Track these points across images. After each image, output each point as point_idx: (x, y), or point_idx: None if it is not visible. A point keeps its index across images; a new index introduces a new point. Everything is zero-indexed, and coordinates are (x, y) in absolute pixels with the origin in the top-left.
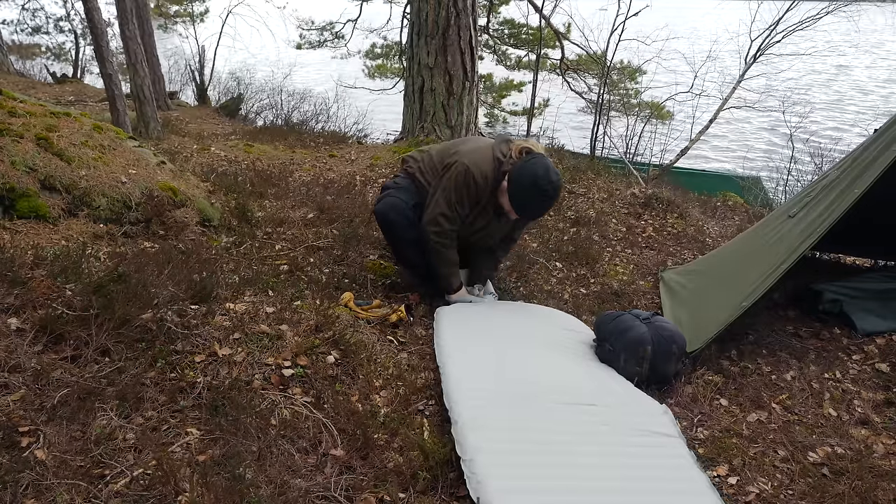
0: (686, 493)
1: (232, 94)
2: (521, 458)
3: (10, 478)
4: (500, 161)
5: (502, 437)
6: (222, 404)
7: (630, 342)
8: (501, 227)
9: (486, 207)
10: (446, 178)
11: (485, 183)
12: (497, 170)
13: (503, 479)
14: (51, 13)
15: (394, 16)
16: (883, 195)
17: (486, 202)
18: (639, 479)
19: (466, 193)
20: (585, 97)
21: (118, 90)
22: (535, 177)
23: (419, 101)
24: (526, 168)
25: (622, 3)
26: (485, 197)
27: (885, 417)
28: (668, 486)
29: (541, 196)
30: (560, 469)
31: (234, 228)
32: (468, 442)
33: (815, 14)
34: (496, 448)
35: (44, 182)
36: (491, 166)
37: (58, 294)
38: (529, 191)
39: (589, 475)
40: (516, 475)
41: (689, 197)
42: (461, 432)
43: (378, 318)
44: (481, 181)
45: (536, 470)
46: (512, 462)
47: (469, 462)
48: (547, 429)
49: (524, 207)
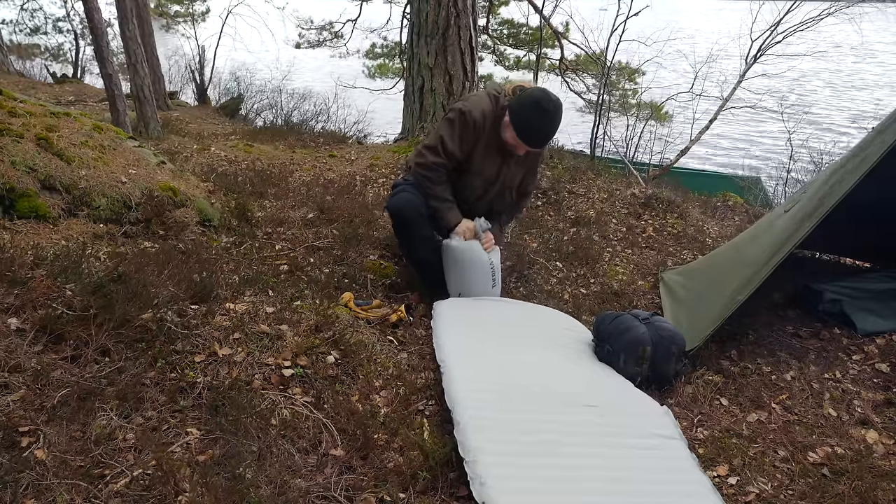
0: (688, 495)
1: (232, 94)
2: (524, 461)
3: (10, 478)
4: (496, 98)
5: (505, 439)
6: (222, 404)
7: (629, 342)
8: (512, 173)
9: (489, 149)
10: (441, 121)
11: (483, 119)
12: (495, 106)
13: (506, 479)
14: (50, 13)
15: (394, 16)
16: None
17: (487, 142)
18: (640, 482)
19: (461, 132)
20: (585, 97)
21: (118, 90)
22: (535, 98)
23: (419, 101)
24: (524, 95)
25: (622, 4)
26: (485, 136)
27: (885, 417)
28: (670, 489)
29: (543, 114)
30: (563, 471)
31: (234, 228)
32: (470, 443)
33: (817, 15)
34: (499, 449)
35: (44, 182)
36: (488, 104)
37: (58, 294)
38: (532, 112)
39: (591, 476)
40: (519, 476)
41: (689, 197)
42: (463, 433)
43: (378, 318)
44: (479, 117)
45: (539, 472)
46: (515, 463)
47: (472, 463)
48: (550, 430)
49: (529, 131)
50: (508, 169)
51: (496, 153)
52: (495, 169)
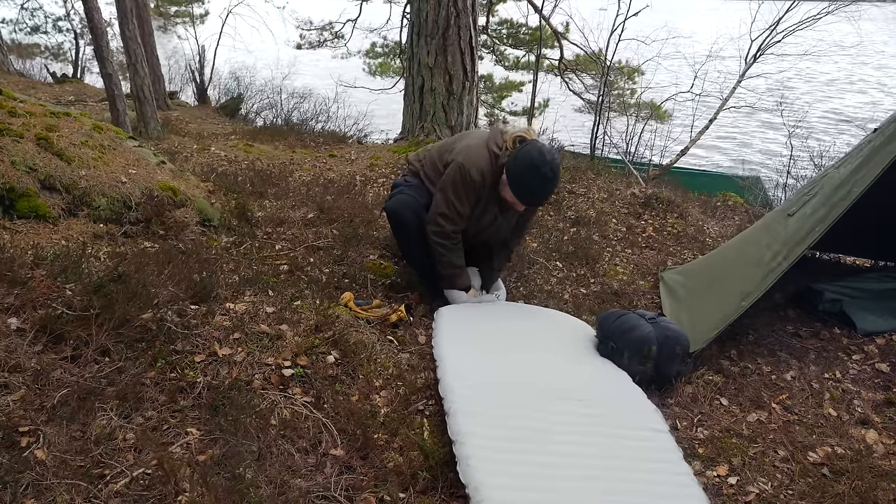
0: (679, 485)
1: (232, 94)
2: (513, 445)
3: (10, 478)
4: (496, 155)
5: (495, 424)
6: (222, 404)
7: (635, 341)
8: (509, 220)
9: (488, 204)
10: (444, 178)
11: (482, 179)
12: (494, 164)
13: (492, 462)
14: (49, 13)
15: (394, 16)
16: (882, 195)
17: (487, 198)
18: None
19: (465, 192)
20: (584, 97)
21: (118, 90)
22: (532, 162)
23: (419, 101)
24: (521, 157)
25: (622, 3)
26: (485, 193)
27: (885, 417)
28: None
29: (541, 180)
30: (554, 457)
31: (234, 228)
32: (460, 427)
33: (816, 14)
34: (488, 433)
35: (44, 182)
36: (487, 162)
37: (58, 294)
38: (529, 178)
39: (582, 464)
40: (507, 461)
41: (689, 197)
42: (454, 418)
43: (378, 318)
44: (478, 178)
45: (529, 457)
46: (504, 448)
47: (460, 445)
48: (542, 419)
49: (528, 195)
50: (505, 218)
51: (494, 206)
52: (491, 219)
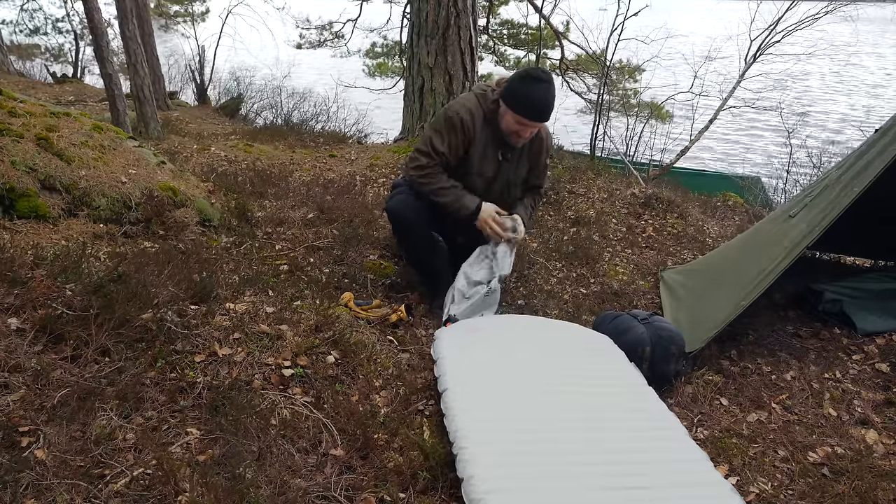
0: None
1: (232, 94)
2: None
3: (10, 478)
4: (483, 96)
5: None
6: (222, 404)
7: (629, 343)
8: (513, 168)
9: (486, 147)
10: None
11: (470, 117)
12: (483, 102)
13: (490, 454)
14: (49, 14)
15: (394, 16)
16: (883, 194)
17: (484, 140)
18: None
19: (445, 130)
20: (585, 97)
21: (118, 90)
22: (525, 73)
23: (419, 101)
24: (514, 76)
25: (622, 3)
26: (478, 134)
27: (885, 417)
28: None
29: (538, 83)
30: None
31: (234, 228)
32: (457, 422)
33: (815, 14)
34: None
35: (44, 182)
36: (474, 102)
37: (58, 294)
38: (527, 86)
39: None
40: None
41: (689, 197)
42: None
43: (378, 318)
44: (466, 116)
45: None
46: (499, 440)
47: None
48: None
49: (529, 104)
50: (509, 164)
51: (494, 150)
52: (494, 166)
